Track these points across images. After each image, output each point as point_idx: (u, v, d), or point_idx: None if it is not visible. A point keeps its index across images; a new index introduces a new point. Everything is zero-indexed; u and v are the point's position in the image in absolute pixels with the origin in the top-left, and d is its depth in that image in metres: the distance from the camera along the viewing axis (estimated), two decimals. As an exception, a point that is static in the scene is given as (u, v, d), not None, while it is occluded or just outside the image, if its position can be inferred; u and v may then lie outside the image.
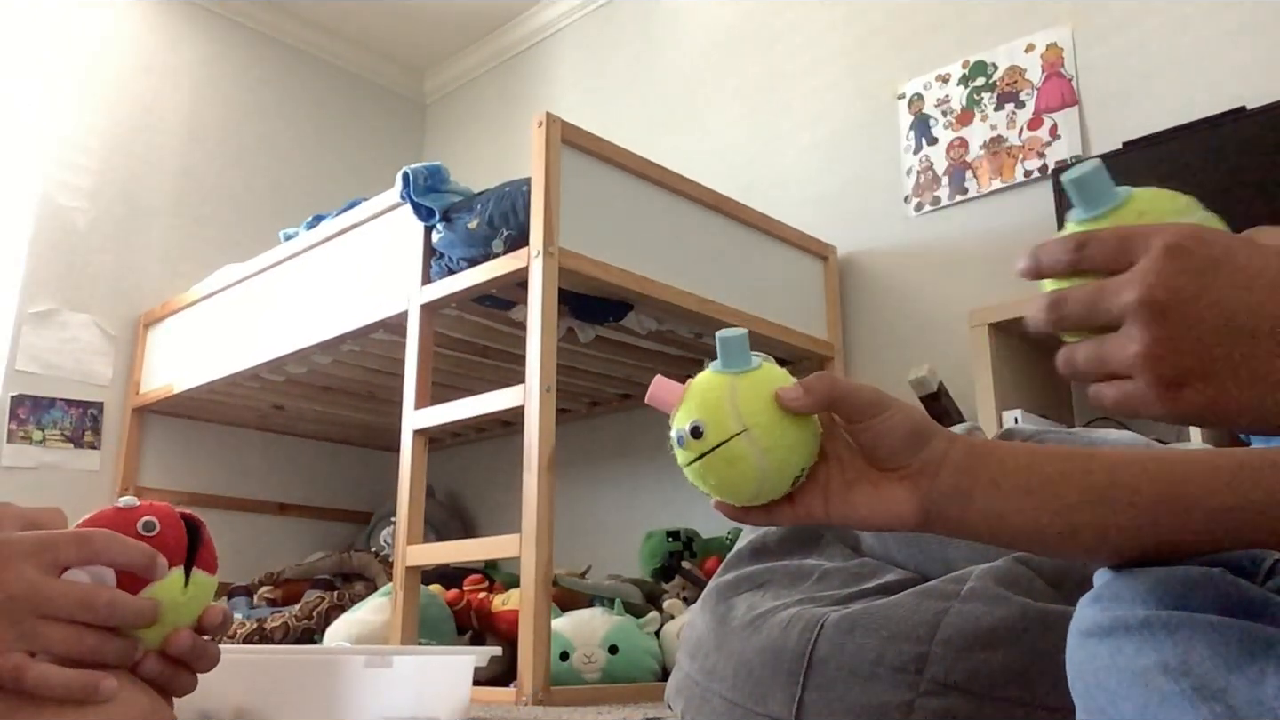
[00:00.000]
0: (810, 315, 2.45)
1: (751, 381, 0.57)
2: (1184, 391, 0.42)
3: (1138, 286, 0.42)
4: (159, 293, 3.17)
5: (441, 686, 1.16)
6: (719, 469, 0.57)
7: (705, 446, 0.57)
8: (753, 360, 0.58)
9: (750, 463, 0.56)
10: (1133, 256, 0.43)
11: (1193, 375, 0.41)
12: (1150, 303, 0.42)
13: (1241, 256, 0.41)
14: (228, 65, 3.56)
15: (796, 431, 0.57)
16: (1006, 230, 2.32)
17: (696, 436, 0.57)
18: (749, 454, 0.56)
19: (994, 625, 0.76)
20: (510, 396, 1.79)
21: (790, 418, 0.56)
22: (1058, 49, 2.31)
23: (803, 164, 2.76)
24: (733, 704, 0.85)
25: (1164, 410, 0.42)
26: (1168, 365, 0.42)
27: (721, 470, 0.57)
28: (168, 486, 3.06)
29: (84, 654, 0.55)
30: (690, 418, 0.57)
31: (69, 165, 3.10)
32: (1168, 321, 0.41)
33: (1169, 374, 0.42)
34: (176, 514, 0.62)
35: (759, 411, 0.56)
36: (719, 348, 0.58)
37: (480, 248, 1.94)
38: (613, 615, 1.85)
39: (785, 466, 0.57)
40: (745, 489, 0.57)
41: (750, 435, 0.56)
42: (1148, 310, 0.42)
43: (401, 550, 1.89)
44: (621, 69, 3.36)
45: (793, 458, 0.57)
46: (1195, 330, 0.41)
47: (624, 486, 2.96)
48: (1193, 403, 0.42)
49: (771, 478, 0.57)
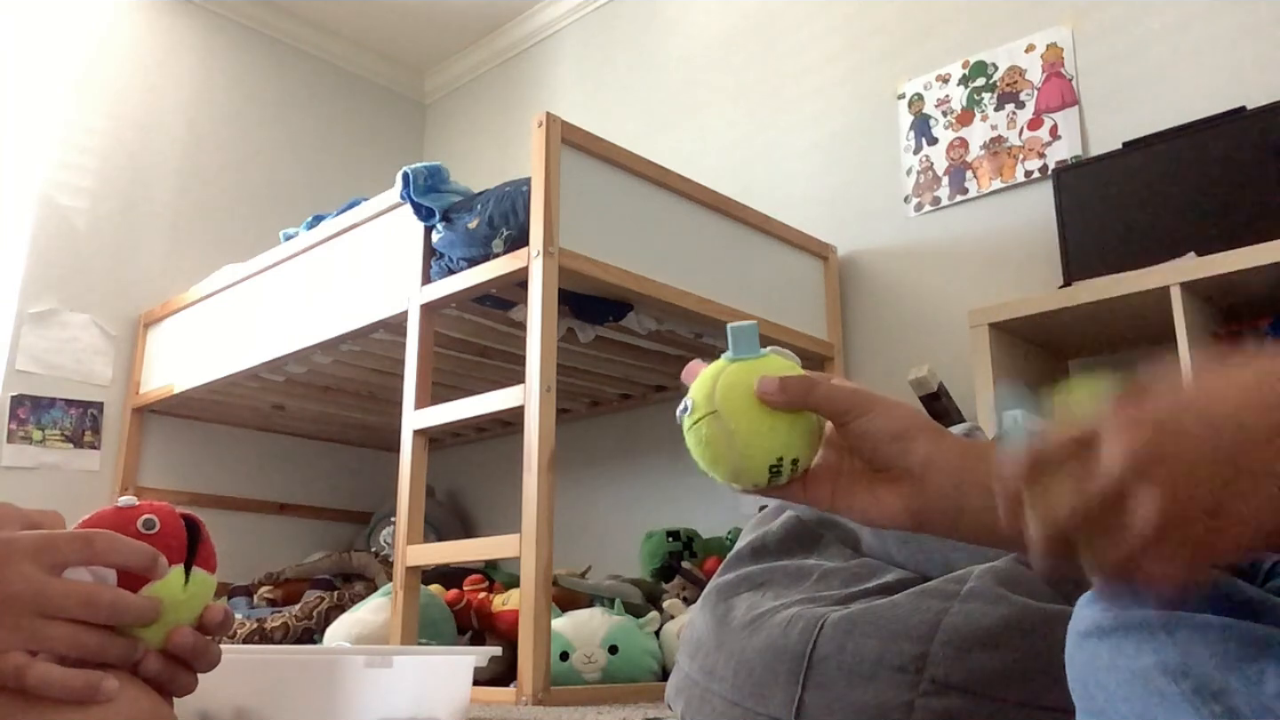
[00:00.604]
0: (810, 315, 2.45)
1: (739, 368, 0.59)
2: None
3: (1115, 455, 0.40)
4: (159, 293, 3.17)
5: (441, 686, 1.16)
6: (695, 445, 0.60)
7: (689, 422, 0.59)
8: (758, 350, 0.60)
9: (719, 443, 0.58)
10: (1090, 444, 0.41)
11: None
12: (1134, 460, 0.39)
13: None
14: (228, 65, 3.56)
15: (768, 421, 0.58)
16: (1006, 230, 2.32)
17: (684, 411, 0.60)
18: (716, 435, 0.58)
19: (994, 625, 0.76)
20: (510, 396, 1.79)
21: (768, 409, 0.58)
22: (1058, 49, 2.31)
23: (802, 164, 2.76)
24: (733, 704, 0.85)
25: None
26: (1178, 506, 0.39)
27: (696, 447, 0.60)
28: (168, 486, 3.06)
29: (86, 653, 0.55)
30: (689, 395, 0.60)
31: (69, 165, 3.10)
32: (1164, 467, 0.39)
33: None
34: (176, 513, 0.62)
35: (732, 397, 0.58)
36: (729, 337, 0.61)
37: (480, 248, 1.94)
38: (613, 615, 1.85)
39: (754, 452, 0.58)
40: (721, 468, 0.59)
41: (718, 416, 0.58)
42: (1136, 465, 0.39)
43: (401, 550, 1.89)
44: (621, 69, 3.36)
45: (760, 445, 0.58)
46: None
47: (624, 486, 2.96)
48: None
49: (740, 463, 0.58)
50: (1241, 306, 1.80)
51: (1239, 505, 0.38)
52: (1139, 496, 0.39)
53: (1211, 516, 0.38)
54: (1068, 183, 2.07)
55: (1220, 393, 0.40)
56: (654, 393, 2.86)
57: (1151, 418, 0.40)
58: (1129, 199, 1.97)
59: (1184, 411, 0.40)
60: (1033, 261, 2.25)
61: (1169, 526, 0.38)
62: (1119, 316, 1.88)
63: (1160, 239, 1.88)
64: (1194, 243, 1.80)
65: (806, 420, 0.59)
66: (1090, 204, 2.02)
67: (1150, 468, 0.39)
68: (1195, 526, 0.38)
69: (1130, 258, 1.86)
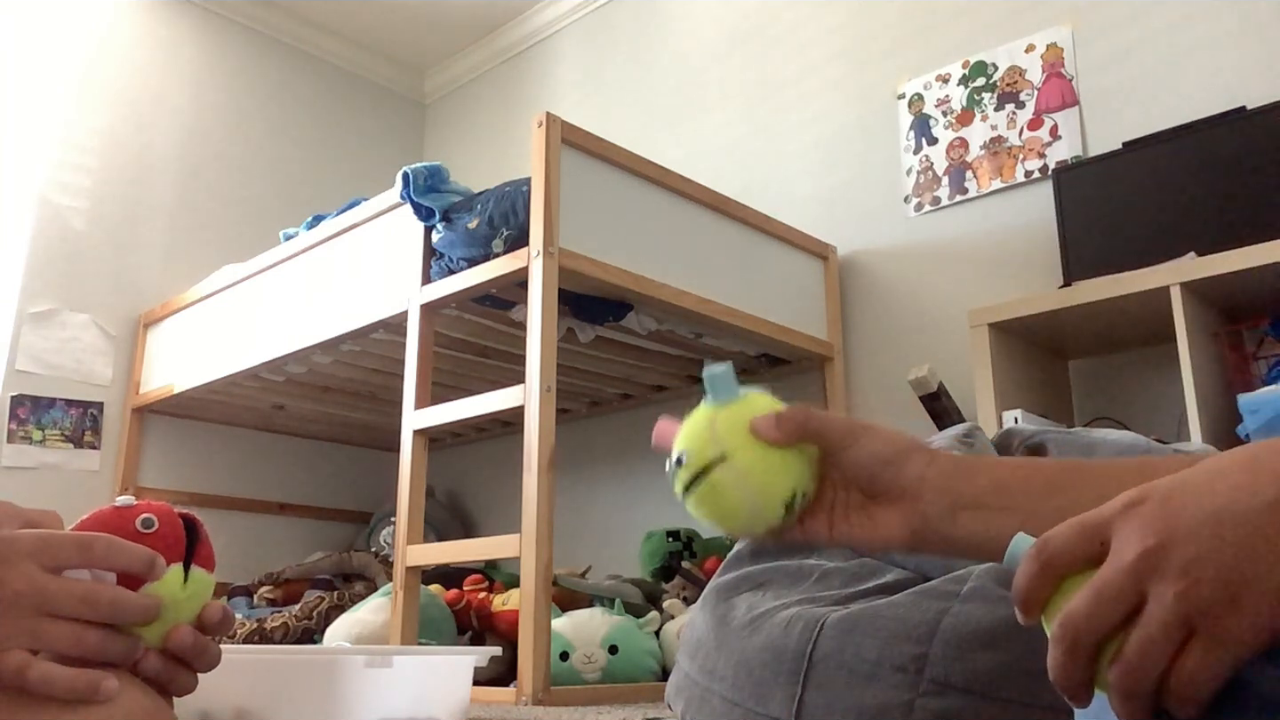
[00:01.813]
0: (810, 315, 2.45)
1: (731, 412, 0.59)
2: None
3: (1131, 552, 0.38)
4: (159, 293, 3.17)
5: (441, 686, 1.16)
6: (706, 497, 0.58)
7: (688, 474, 0.58)
8: (739, 392, 0.60)
9: (731, 489, 0.57)
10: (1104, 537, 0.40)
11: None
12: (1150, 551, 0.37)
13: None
14: (228, 65, 3.56)
15: (777, 458, 0.58)
16: (1006, 230, 2.32)
17: (680, 465, 0.59)
18: (728, 480, 0.57)
19: (994, 625, 0.76)
20: (510, 396, 1.79)
21: (769, 445, 0.58)
22: (1058, 49, 2.31)
23: (802, 164, 2.76)
24: (733, 704, 0.85)
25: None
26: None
27: (708, 498, 0.58)
28: (168, 486, 3.06)
29: (87, 652, 0.55)
30: (677, 449, 0.59)
31: (69, 165, 3.10)
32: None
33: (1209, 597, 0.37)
34: (174, 512, 0.62)
35: (735, 438, 0.58)
36: (706, 384, 0.60)
37: (480, 248, 1.94)
38: (613, 615, 1.85)
39: (768, 490, 0.58)
40: (737, 516, 0.58)
41: (728, 462, 0.57)
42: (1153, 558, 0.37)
43: (401, 550, 1.89)
44: (621, 69, 3.36)
45: (775, 482, 0.58)
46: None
47: (624, 486, 2.96)
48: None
49: (757, 502, 0.58)
50: (1241, 306, 1.80)
51: (1253, 591, 0.36)
52: (1154, 590, 0.37)
53: (1231, 604, 0.36)
54: (1068, 183, 2.07)
55: (1219, 477, 0.38)
56: (654, 393, 2.86)
57: (1157, 511, 0.38)
58: (1129, 199, 1.97)
59: (1188, 500, 0.38)
60: (1033, 261, 2.25)
61: (1190, 616, 0.36)
62: (1119, 316, 1.88)
63: (1160, 239, 1.88)
64: (1194, 243, 1.80)
65: (806, 452, 0.59)
66: (1090, 204, 2.02)
67: (1161, 561, 0.37)
68: (1216, 616, 0.36)
69: (1130, 258, 1.86)
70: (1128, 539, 0.38)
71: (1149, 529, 0.38)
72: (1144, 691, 0.37)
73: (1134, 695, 0.37)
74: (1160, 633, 0.36)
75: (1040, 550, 0.41)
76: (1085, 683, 0.39)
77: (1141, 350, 2.06)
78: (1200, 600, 0.36)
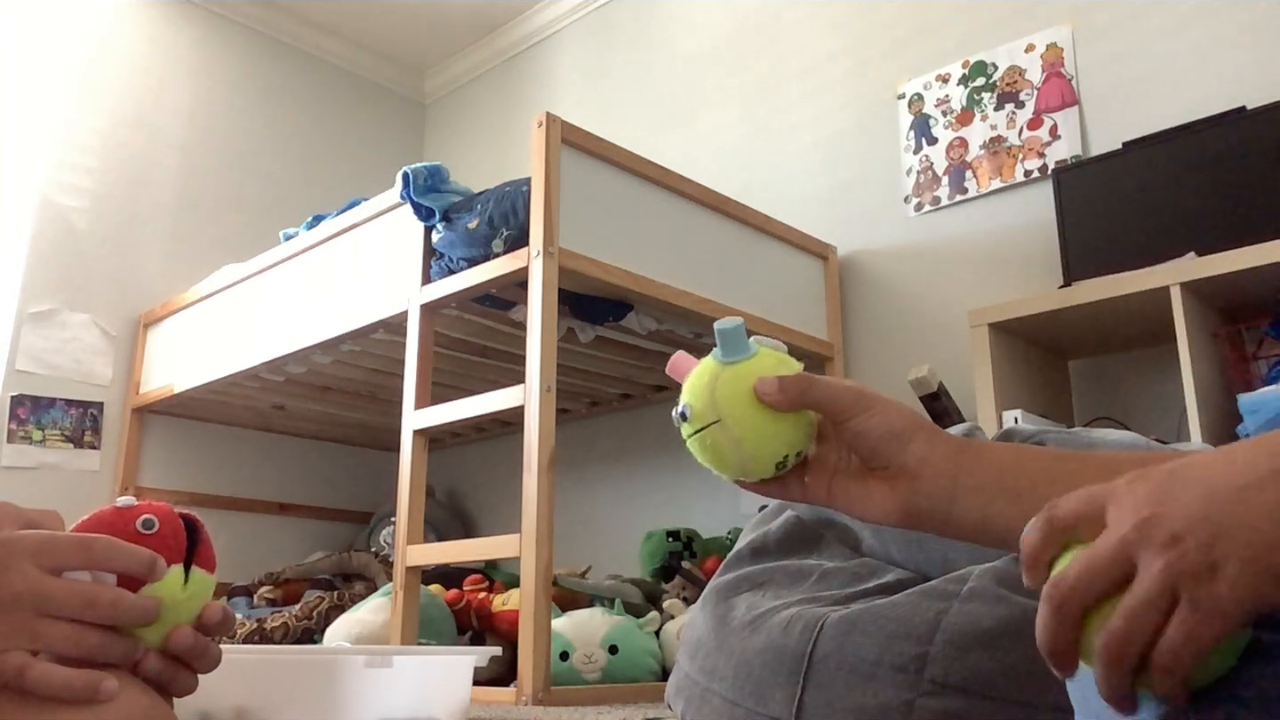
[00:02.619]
0: (810, 315, 2.45)
1: (735, 373, 0.60)
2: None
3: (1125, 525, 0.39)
4: (159, 293, 3.17)
5: (441, 686, 1.16)
6: (700, 452, 0.61)
7: (690, 429, 0.60)
8: (749, 348, 0.61)
9: (725, 450, 0.60)
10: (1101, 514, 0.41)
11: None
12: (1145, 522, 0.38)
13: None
14: (227, 65, 3.56)
15: (774, 423, 0.59)
16: (1006, 230, 2.32)
17: (684, 419, 0.61)
18: (722, 442, 0.59)
19: (994, 625, 0.76)
20: (510, 396, 1.79)
21: (769, 410, 0.59)
22: (1058, 49, 2.31)
23: (802, 164, 2.76)
24: (733, 704, 0.85)
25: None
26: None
27: (703, 452, 0.61)
28: (168, 486, 3.06)
29: (87, 653, 0.55)
30: (683, 400, 0.61)
31: (69, 165, 3.10)
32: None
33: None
34: (174, 513, 0.62)
35: (733, 403, 0.59)
36: (717, 337, 0.61)
37: (480, 248, 1.94)
38: (613, 615, 1.85)
39: (760, 454, 0.59)
40: (727, 470, 0.61)
41: (723, 425, 0.59)
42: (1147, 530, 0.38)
43: (401, 550, 1.89)
44: (621, 69, 3.36)
45: (768, 446, 0.59)
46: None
47: (624, 486, 2.96)
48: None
49: (749, 463, 0.60)
50: (1241, 306, 1.80)
51: (1234, 561, 0.36)
52: (1143, 560, 0.38)
53: (1212, 572, 0.36)
54: (1068, 183, 2.07)
55: (1220, 459, 0.39)
56: (654, 393, 2.86)
57: (1156, 486, 0.39)
58: (1129, 199, 1.97)
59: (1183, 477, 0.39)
60: (1032, 261, 2.25)
61: (1175, 586, 0.37)
62: (1119, 316, 1.88)
63: (1160, 239, 1.88)
64: (1194, 243, 1.80)
65: (806, 415, 0.60)
66: (1090, 204, 2.02)
67: (1153, 531, 0.38)
68: (1202, 582, 0.36)
69: (1130, 258, 1.86)
70: (1125, 510, 0.39)
71: (1145, 502, 0.39)
72: (1128, 660, 0.38)
73: (1117, 663, 0.38)
74: (1146, 601, 0.37)
75: (1049, 511, 0.42)
76: (1070, 647, 0.40)
77: (1141, 350, 2.06)
78: (1185, 569, 0.37)
